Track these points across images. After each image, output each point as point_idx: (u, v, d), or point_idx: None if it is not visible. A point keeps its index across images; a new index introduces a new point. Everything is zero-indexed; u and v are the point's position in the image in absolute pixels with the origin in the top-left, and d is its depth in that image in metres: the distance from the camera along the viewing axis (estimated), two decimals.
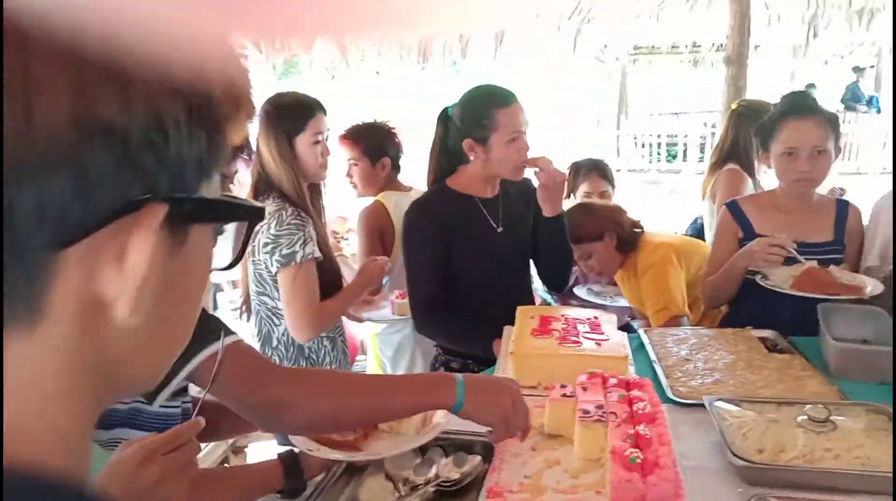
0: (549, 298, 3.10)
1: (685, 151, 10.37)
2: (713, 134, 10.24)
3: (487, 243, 1.93)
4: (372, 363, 2.92)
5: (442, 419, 1.22)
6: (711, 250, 2.31)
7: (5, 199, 0.31)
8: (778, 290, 1.87)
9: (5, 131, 0.30)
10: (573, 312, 1.67)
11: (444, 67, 5.21)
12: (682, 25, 6.71)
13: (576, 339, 1.48)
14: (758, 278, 1.94)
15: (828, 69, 10.42)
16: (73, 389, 0.37)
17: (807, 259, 1.97)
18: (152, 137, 0.34)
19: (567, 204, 3.33)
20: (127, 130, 0.33)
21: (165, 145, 0.35)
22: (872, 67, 11.09)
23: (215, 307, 3.70)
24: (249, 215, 0.43)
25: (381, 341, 2.71)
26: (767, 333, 1.96)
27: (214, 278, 3.33)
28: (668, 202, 9.18)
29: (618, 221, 2.48)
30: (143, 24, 0.31)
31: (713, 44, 7.76)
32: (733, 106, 3.28)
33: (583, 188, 3.17)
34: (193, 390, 1.20)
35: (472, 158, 1.93)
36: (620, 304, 3.12)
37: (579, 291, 3.03)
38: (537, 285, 2.95)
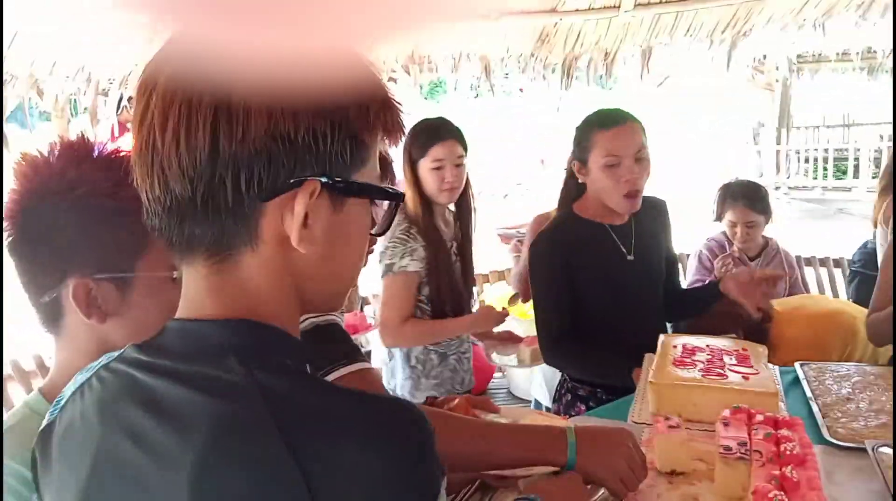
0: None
1: (856, 166, 9.49)
2: (889, 147, 9.33)
3: (618, 271, 1.88)
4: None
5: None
6: (878, 283, 2.12)
7: (239, 173, 0.58)
8: None
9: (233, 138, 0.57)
10: (720, 342, 1.61)
11: (589, 84, 5.17)
12: (853, 32, 6.18)
13: (721, 371, 1.43)
14: None
15: None
16: (281, 287, 0.63)
17: None
18: (309, 141, 0.58)
19: (716, 228, 3.19)
20: (295, 136, 0.57)
21: (318, 146, 0.59)
22: None
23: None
24: (389, 197, 0.67)
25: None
26: None
27: (363, 291, 3.51)
28: (836, 223, 8.45)
29: (739, 319, 2.19)
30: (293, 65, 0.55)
31: (889, 49, 7.07)
32: None
33: (729, 216, 3.00)
34: None
35: (580, 180, 1.91)
36: None
37: None
38: None
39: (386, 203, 0.70)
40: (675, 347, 1.59)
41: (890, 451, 1.35)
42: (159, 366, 0.61)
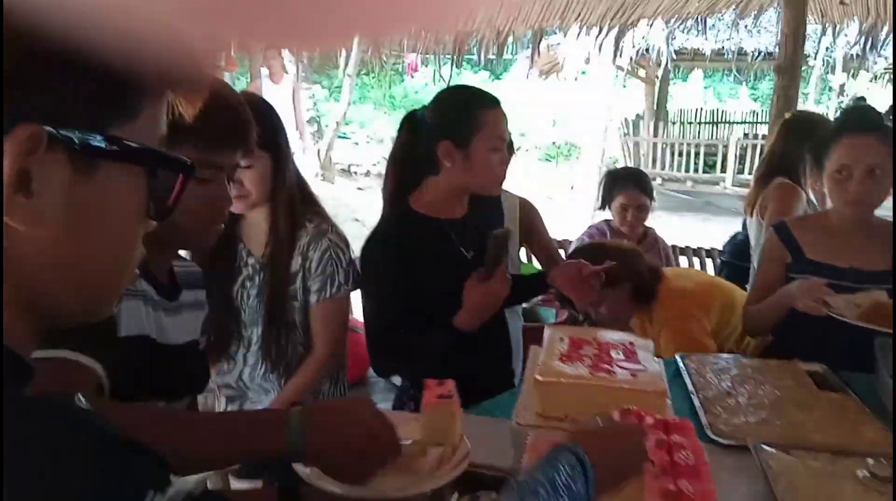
0: (549, 315, 2.95)
1: (723, 162, 10.09)
2: (755, 146, 9.98)
3: (456, 273, 1.66)
4: None
5: (463, 456, 1.09)
6: (756, 275, 2.15)
7: None
8: (847, 320, 1.68)
9: None
10: (607, 335, 1.53)
11: (481, 65, 5.12)
12: (729, 32, 6.50)
13: (608, 367, 1.34)
14: (817, 305, 1.76)
15: (877, 85, 10.05)
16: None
17: (857, 287, 1.80)
18: (31, 68, 0.40)
19: (596, 218, 3.20)
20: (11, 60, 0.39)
21: (47, 78, 0.41)
22: None
23: None
24: (173, 166, 0.48)
25: None
26: (816, 367, 1.80)
27: None
28: (705, 215, 8.93)
29: (635, 268, 2.25)
30: None
31: (760, 52, 7.51)
32: (787, 116, 3.10)
33: (619, 200, 3.01)
34: None
35: (446, 165, 1.68)
36: None
37: None
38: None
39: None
40: (561, 340, 1.49)
41: (772, 450, 1.32)
42: None
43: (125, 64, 0.41)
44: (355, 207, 9.17)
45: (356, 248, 1.83)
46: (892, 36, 4.16)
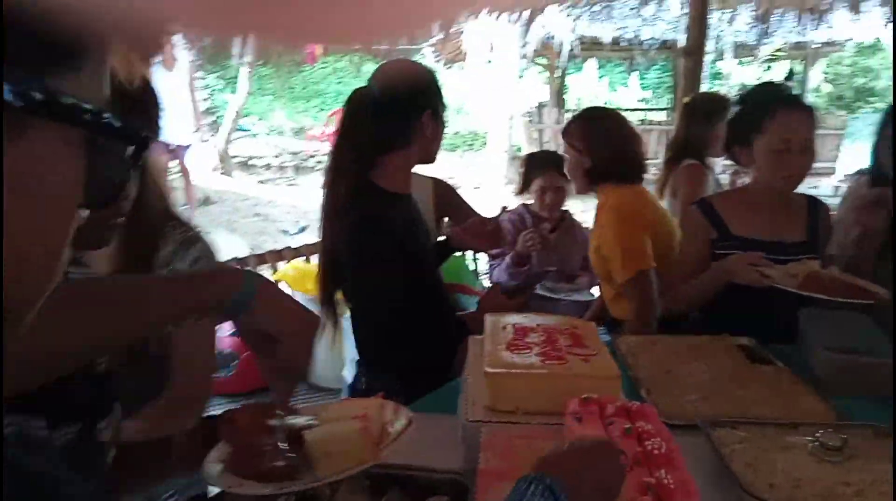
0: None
1: None
2: (649, 131, 10.33)
3: (428, 246, 1.75)
4: None
5: (399, 426, 0.96)
6: (680, 252, 2.16)
7: None
8: (784, 288, 1.71)
9: None
10: (549, 320, 1.47)
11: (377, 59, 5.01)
12: (628, 20, 6.66)
13: (558, 354, 1.28)
14: (758, 276, 1.77)
15: (768, 70, 10.65)
16: None
17: (782, 260, 1.84)
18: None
19: (518, 200, 3.18)
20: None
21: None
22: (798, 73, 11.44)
23: None
24: (116, 133, 0.38)
25: None
26: (745, 340, 1.82)
27: None
28: None
29: (610, 144, 2.27)
30: None
31: (656, 40, 7.76)
32: (686, 100, 3.17)
33: (537, 183, 3.00)
34: None
35: (427, 135, 1.76)
36: (575, 299, 2.97)
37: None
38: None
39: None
40: (504, 328, 1.42)
41: (720, 428, 1.30)
42: None
43: None
44: (256, 201, 8.82)
45: (262, 243, 1.74)
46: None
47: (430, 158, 1.82)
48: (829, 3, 4.22)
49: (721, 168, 3.34)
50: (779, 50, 7.43)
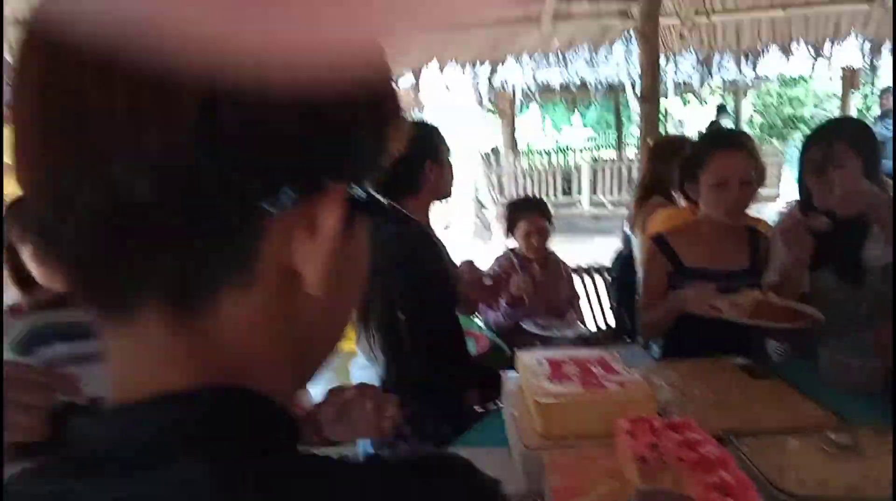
0: (496, 337, 3.05)
1: (579, 186, 10.81)
2: (603, 168, 10.76)
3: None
4: None
5: None
6: (644, 283, 2.34)
7: (218, 167, 0.34)
8: (739, 321, 1.90)
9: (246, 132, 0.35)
10: (577, 353, 1.61)
11: None
12: (574, 66, 7.02)
13: (597, 382, 1.42)
14: (708, 309, 1.96)
15: (704, 104, 11.30)
16: (276, 346, 0.41)
17: (731, 287, 2.02)
18: (341, 127, 0.39)
19: (505, 244, 3.34)
20: (327, 119, 0.37)
21: (350, 137, 0.39)
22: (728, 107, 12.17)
23: None
24: (402, 219, 0.50)
25: None
26: (741, 360, 1.99)
27: None
28: (566, 234, 9.48)
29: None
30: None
31: (602, 82, 8.18)
32: (650, 142, 3.41)
33: (522, 227, 3.17)
34: None
35: (430, 180, 2.02)
36: (567, 334, 3.11)
37: (526, 324, 3.00)
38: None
39: None
40: (539, 362, 1.55)
41: (742, 439, 1.45)
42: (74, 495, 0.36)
43: (393, 110, 0.43)
44: None
45: None
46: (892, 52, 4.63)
47: (445, 194, 2.09)
48: (764, 45, 4.61)
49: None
50: (717, 87, 7.97)
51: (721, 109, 11.88)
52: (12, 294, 1.40)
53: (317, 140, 0.37)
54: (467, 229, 8.75)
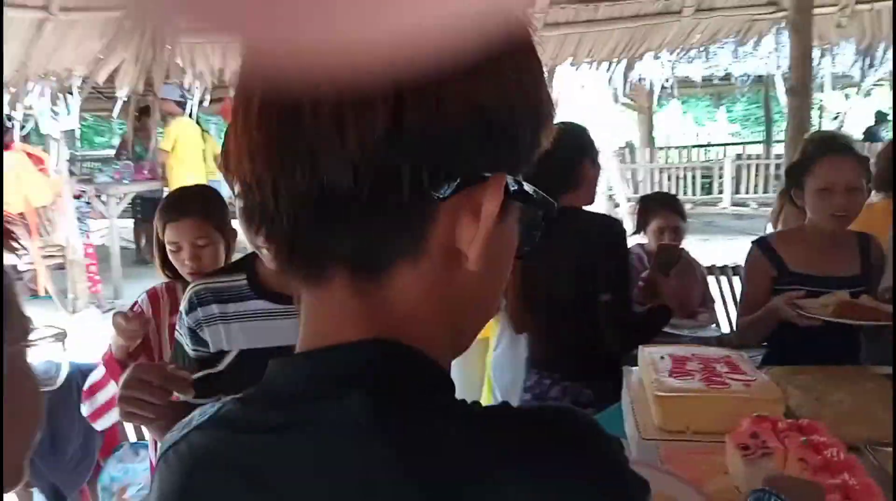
0: None
1: (720, 182, 10.33)
2: (748, 165, 10.19)
3: None
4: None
5: None
6: (745, 290, 2.28)
7: (423, 160, 0.43)
8: (822, 318, 1.86)
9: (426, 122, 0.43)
10: (703, 351, 1.60)
11: None
12: (717, 59, 6.71)
13: (720, 379, 1.41)
14: (796, 313, 1.92)
15: (868, 97, 10.40)
16: (439, 314, 0.48)
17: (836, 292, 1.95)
18: (506, 124, 0.46)
19: (636, 239, 3.30)
20: (495, 116, 0.45)
21: (513, 133, 0.46)
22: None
23: None
24: (551, 209, 0.52)
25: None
26: (886, 369, 1.89)
27: None
28: (705, 234, 9.10)
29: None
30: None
31: (748, 75, 7.76)
32: (806, 137, 3.24)
33: (654, 224, 3.12)
34: None
35: (588, 178, 2.13)
36: (699, 335, 3.03)
37: None
38: None
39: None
40: (662, 358, 1.56)
41: (884, 449, 1.39)
42: (258, 423, 0.47)
43: (550, 110, 0.50)
44: None
45: None
46: (891, 50, 4.35)
47: (591, 200, 2.16)
48: None
49: None
50: (881, 79, 7.30)
51: (880, 116, 10.88)
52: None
53: (482, 138, 0.45)
54: None
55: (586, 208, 2.18)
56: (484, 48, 0.41)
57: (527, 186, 0.49)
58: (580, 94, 7.60)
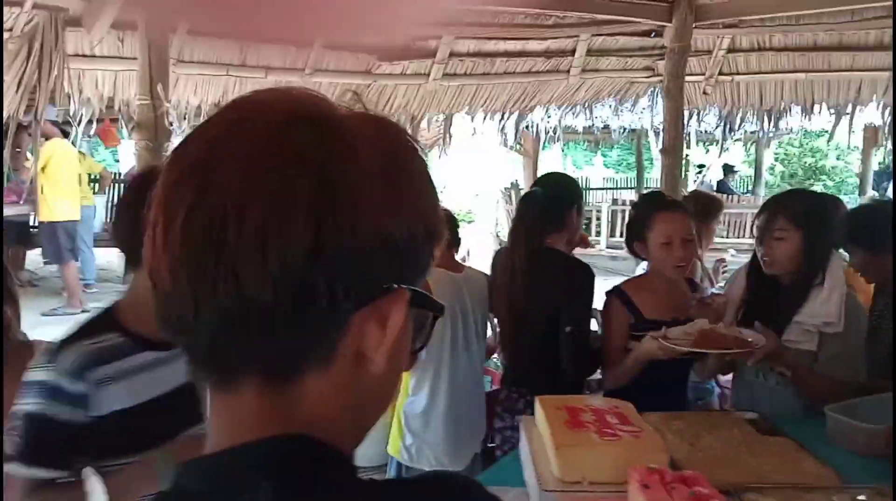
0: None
1: (598, 225, 10.94)
2: (623, 211, 10.87)
3: None
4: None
5: None
6: (606, 336, 2.42)
7: (338, 276, 0.48)
8: (682, 349, 2.02)
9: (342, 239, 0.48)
10: (596, 401, 1.72)
11: None
12: (598, 112, 7.19)
13: (612, 431, 1.52)
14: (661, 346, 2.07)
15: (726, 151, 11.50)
16: (343, 412, 0.53)
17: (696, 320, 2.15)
18: (408, 242, 0.51)
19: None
20: (399, 236, 0.50)
21: (412, 249, 0.52)
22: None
23: None
24: (442, 311, 0.59)
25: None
26: (752, 415, 2.09)
27: None
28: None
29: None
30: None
31: (624, 128, 8.35)
32: (685, 193, 3.55)
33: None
34: None
35: (572, 222, 2.46)
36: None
37: None
38: None
39: None
40: (558, 409, 1.66)
41: (755, 496, 1.55)
42: None
43: (442, 223, 0.56)
44: None
45: None
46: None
47: (572, 242, 2.47)
48: (787, 105, 4.75)
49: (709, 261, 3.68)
50: (737, 139, 8.16)
51: (727, 168, 12.01)
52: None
53: (389, 258, 0.50)
54: (486, 260, 8.86)
55: (565, 248, 2.45)
56: (390, 179, 0.50)
57: (420, 292, 0.54)
58: (473, 139, 7.88)
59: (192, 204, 0.47)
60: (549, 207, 2.40)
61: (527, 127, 7.77)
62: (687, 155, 10.47)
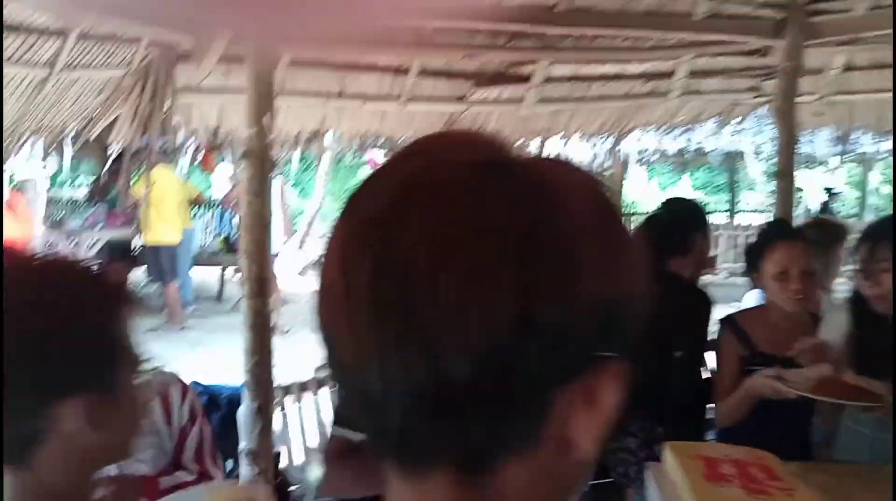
0: None
1: None
2: (719, 235, 10.43)
3: None
4: None
5: None
6: (718, 369, 2.31)
7: (549, 347, 0.41)
8: (802, 394, 1.88)
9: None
10: (733, 451, 1.58)
11: None
12: (690, 134, 6.95)
13: (759, 487, 1.39)
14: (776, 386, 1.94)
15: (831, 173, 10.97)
16: (542, 497, 0.46)
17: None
18: (621, 308, 0.44)
19: None
20: (615, 300, 0.44)
21: (620, 330, 0.45)
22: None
23: None
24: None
25: None
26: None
27: None
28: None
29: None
30: None
31: (720, 150, 8.06)
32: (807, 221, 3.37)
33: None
34: None
35: (697, 248, 2.49)
36: None
37: None
38: None
39: None
40: (692, 459, 1.53)
41: None
42: None
43: None
44: None
45: None
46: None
47: (698, 267, 2.47)
48: None
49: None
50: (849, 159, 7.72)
51: (830, 191, 11.38)
52: None
53: (601, 329, 0.43)
54: None
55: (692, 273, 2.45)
56: (600, 236, 0.44)
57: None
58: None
59: (378, 265, 0.41)
60: (671, 231, 2.37)
61: (618, 150, 7.63)
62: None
